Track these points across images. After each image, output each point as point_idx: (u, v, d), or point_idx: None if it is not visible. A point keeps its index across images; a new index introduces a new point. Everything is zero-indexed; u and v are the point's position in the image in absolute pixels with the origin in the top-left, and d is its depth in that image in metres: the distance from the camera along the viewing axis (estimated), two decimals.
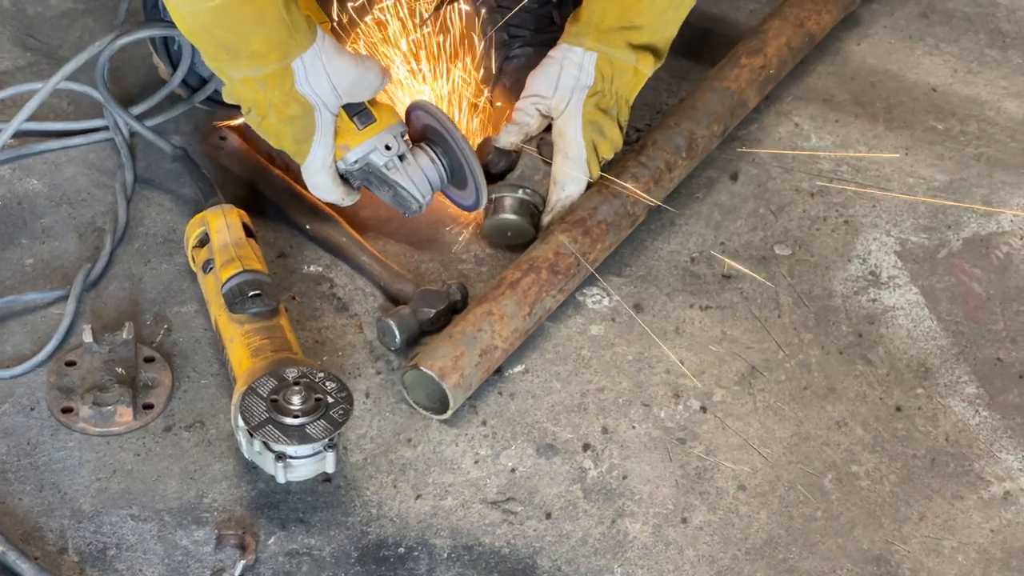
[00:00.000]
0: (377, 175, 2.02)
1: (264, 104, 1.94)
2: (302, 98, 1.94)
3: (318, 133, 1.97)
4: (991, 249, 2.24)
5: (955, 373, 2.06)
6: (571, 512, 1.86)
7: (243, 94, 1.95)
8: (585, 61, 2.10)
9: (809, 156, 2.36)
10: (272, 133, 1.98)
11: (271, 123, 1.96)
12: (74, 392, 1.93)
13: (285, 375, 1.78)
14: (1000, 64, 2.58)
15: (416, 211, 2.05)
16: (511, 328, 1.98)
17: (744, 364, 2.05)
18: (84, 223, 2.15)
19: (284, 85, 1.92)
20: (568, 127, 2.12)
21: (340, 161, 2.02)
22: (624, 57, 2.09)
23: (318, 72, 1.93)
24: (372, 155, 2.02)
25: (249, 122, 1.99)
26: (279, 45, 1.89)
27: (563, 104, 2.12)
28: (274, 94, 1.92)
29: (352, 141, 2.01)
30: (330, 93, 1.96)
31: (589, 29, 2.09)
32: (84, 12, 2.50)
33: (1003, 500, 1.92)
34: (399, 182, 2.02)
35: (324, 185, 2.03)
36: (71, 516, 1.81)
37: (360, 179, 2.04)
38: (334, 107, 1.98)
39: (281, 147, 2.00)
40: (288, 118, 1.95)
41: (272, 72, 1.90)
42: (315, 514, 1.83)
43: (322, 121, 1.97)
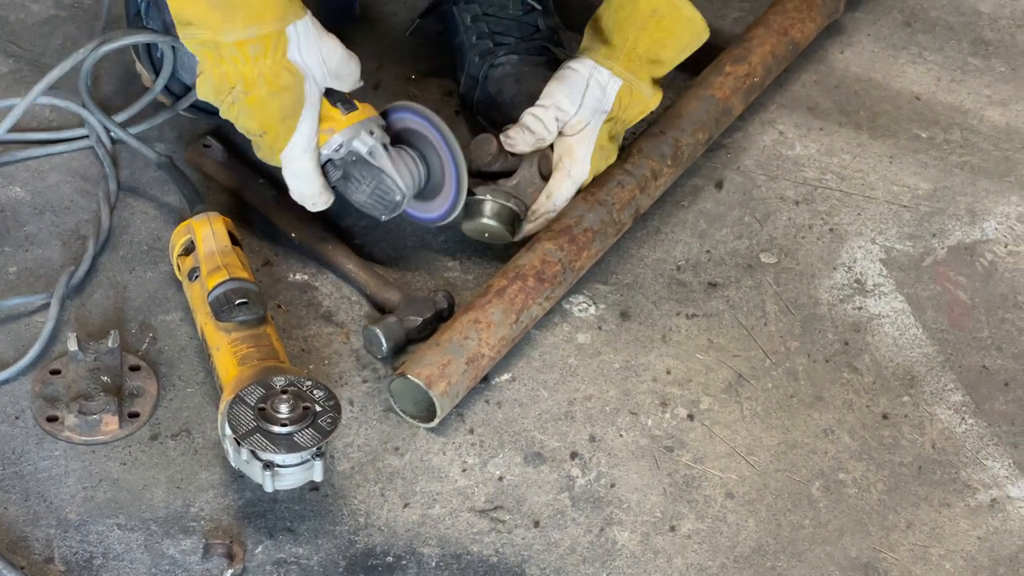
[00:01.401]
0: (361, 163, 1.99)
1: (253, 75, 1.89)
2: (293, 67, 1.91)
3: (307, 106, 1.94)
4: (976, 257, 2.25)
5: (941, 381, 2.07)
6: (559, 520, 1.86)
7: (229, 69, 1.89)
8: (610, 86, 2.09)
9: (794, 164, 2.37)
10: (257, 108, 1.92)
11: (258, 96, 1.90)
12: (59, 401, 1.92)
13: (273, 384, 1.77)
14: (983, 73, 2.59)
15: (396, 206, 2.01)
16: (498, 336, 1.98)
17: (731, 372, 2.05)
18: (68, 231, 2.14)
19: (277, 51, 1.88)
20: (580, 148, 2.11)
21: (324, 146, 1.98)
22: (643, 90, 2.11)
23: (311, 44, 1.91)
24: (356, 141, 1.98)
25: (228, 111, 1.94)
26: (277, 4, 1.86)
27: (582, 124, 2.10)
28: (265, 62, 1.88)
29: (337, 125, 1.97)
30: (319, 67, 1.93)
31: (620, 55, 2.08)
32: (67, 19, 2.49)
33: (990, 508, 1.92)
34: (384, 169, 1.99)
35: (305, 172, 1.98)
36: (57, 525, 1.80)
37: (341, 169, 2.00)
38: (321, 85, 1.95)
39: (264, 128, 1.94)
40: (278, 89, 1.90)
41: (267, 33, 1.87)
42: (303, 523, 1.82)
43: (311, 94, 1.94)
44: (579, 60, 2.11)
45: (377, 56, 2.45)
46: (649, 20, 2.06)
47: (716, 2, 2.69)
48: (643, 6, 2.06)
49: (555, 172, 2.12)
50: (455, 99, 2.40)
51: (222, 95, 1.93)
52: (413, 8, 2.54)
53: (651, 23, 2.06)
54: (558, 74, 2.12)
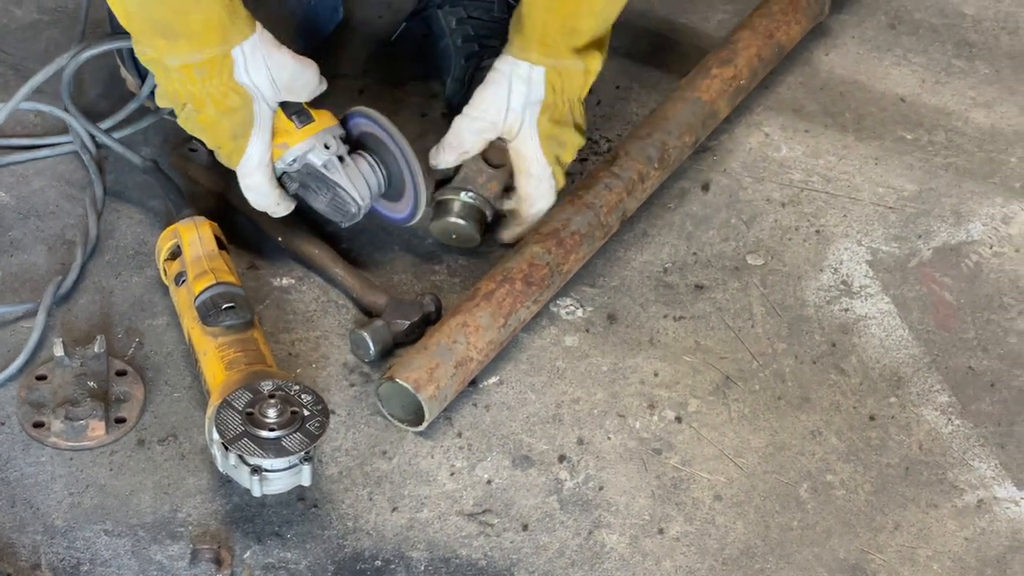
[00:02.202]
0: (316, 176, 1.99)
1: (201, 96, 1.90)
2: (241, 88, 1.91)
3: (256, 126, 1.94)
4: (961, 258, 2.25)
5: (927, 382, 2.07)
6: (548, 524, 1.86)
7: (179, 89, 1.90)
8: (533, 75, 2.04)
9: (780, 166, 2.37)
10: (209, 127, 1.93)
11: (208, 116, 1.92)
12: (45, 406, 1.91)
13: (260, 388, 1.77)
14: (967, 74, 2.59)
15: (354, 216, 2.02)
16: (486, 339, 1.98)
17: (718, 374, 2.05)
18: (53, 236, 2.14)
19: (223, 73, 1.88)
20: (526, 147, 2.08)
21: (278, 161, 1.98)
22: (572, 65, 2.05)
23: (258, 63, 1.90)
24: (311, 154, 1.98)
25: (184, 122, 1.95)
26: (219, 28, 1.85)
27: (517, 125, 2.07)
28: (212, 84, 1.89)
29: (291, 139, 1.98)
30: (269, 86, 1.93)
31: (532, 43, 2.03)
32: (50, 24, 2.49)
33: (977, 508, 1.92)
34: (338, 182, 1.99)
35: (260, 186, 1.99)
36: (44, 532, 1.79)
37: (297, 181, 2.00)
38: (272, 102, 1.95)
39: (216, 144, 1.96)
40: (226, 110, 1.91)
41: (211, 57, 1.87)
42: (291, 528, 1.82)
43: (260, 114, 1.94)
44: (501, 58, 2.07)
45: (362, 61, 2.45)
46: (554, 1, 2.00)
47: (701, 5, 2.69)
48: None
49: (517, 176, 2.10)
50: (441, 102, 2.39)
51: (176, 108, 1.95)
52: (398, 12, 2.54)
53: (557, 2, 1.99)
54: (487, 78, 2.08)
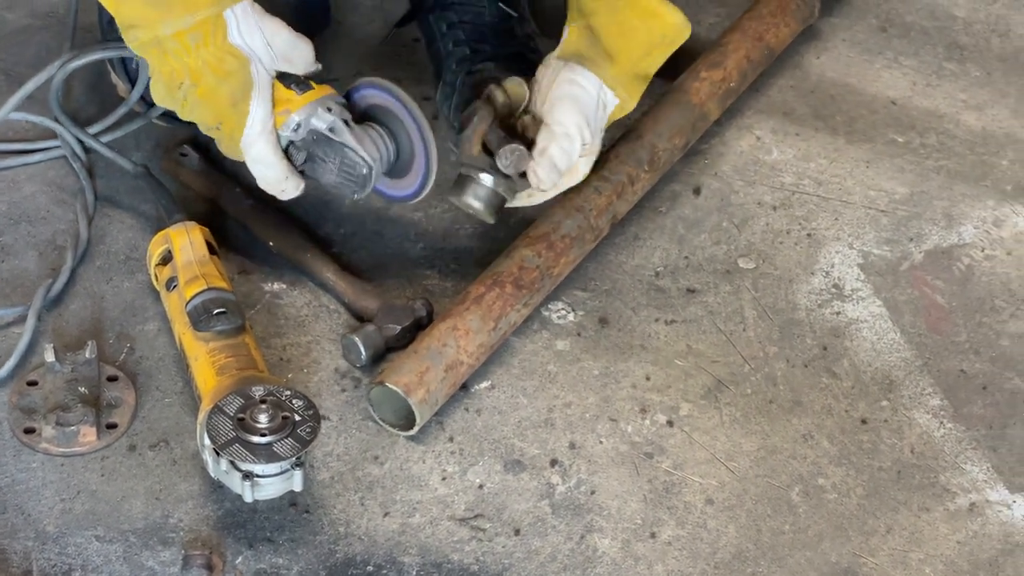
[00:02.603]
0: (322, 140, 1.96)
1: (197, 65, 1.88)
2: (236, 51, 1.89)
3: (256, 88, 1.92)
4: (953, 261, 2.25)
5: (919, 385, 2.07)
6: (540, 528, 1.86)
7: (174, 65, 1.88)
8: (611, 104, 2.07)
9: (771, 169, 2.37)
10: (208, 99, 1.91)
11: (207, 86, 1.89)
12: (36, 412, 1.91)
13: (251, 393, 1.77)
14: (958, 77, 2.60)
15: (365, 179, 1.97)
16: (476, 343, 1.98)
17: (710, 378, 2.05)
18: (44, 241, 2.13)
19: (217, 36, 1.87)
20: (584, 167, 2.10)
21: (282, 128, 1.96)
22: (631, 107, 2.09)
23: (251, 26, 1.90)
24: (314, 119, 1.95)
25: (183, 106, 1.93)
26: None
27: (592, 148, 2.08)
28: (207, 50, 1.87)
29: (292, 105, 1.95)
30: (264, 50, 1.92)
31: (626, 77, 2.05)
32: (41, 28, 2.48)
33: (969, 512, 1.92)
34: (346, 143, 1.95)
35: (266, 156, 1.96)
36: (35, 538, 1.79)
37: (303, 151, 1.97)
38: (270, 67, 1.94)
39: (219, 117, 1.93)
40: (224, 75, 1.89)
41: (204, 19, 1.86)
42: (282, 533, 1.82)
43: (259, 77, 1.92)
44: (585, 74, 2.05)
45: (354, 64, 2.45)
46: (658, 47, 2.04)
47: (692, 7, 2.67)
48: (656, 32, 2.02)
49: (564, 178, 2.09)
50: (432, 106, 2.39)
51: (173, 92, 1.92)
52: (389, 17, 2.54)
53: (658, 49, 2.04)
54: (568, 92, 2.04)
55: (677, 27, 2.03)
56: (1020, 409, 2.05)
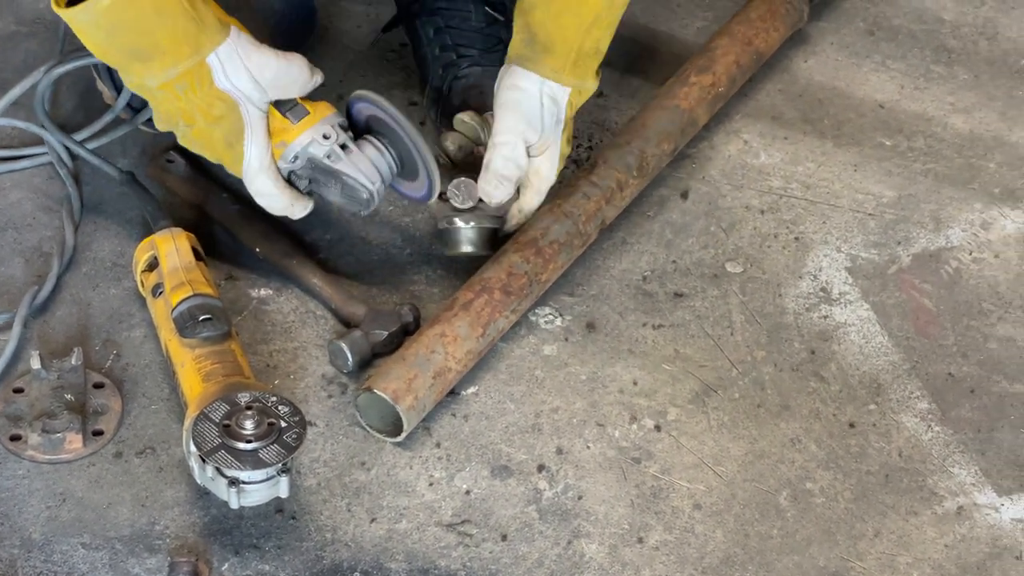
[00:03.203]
0: (321, 168, 1.96)
1: (189, 110, 1.88)
2: (224, 95, 1.88)
3: (248, 130, 1.91)
4: (941, 264, 2.25)
5: (907, 389, 2.07)
6: (527, 533, 1.86)
7: (168, 107, 1.89)
8: (560, 96, 2.06)
9: (759, 173, 2.37)
10: (203, 141, 1.92)
11: (200, 129, 1.90)
12: (22, 419, 1.90)
13: (237, 400, 1.77)
14: (946, 80, 2.60)
15: (368, 202, 1.97)
16: (464, 349, 1.97)
17: (698, 382, 2.05)
18: (30, 248, 2.13)
19: (203, 84, 1.86)
20: (545, 167, 2.09)
21: (280, 160, 1.95)
22: (591, 86, 2.08)
23: (236, 66, 1.88)
24: (311, 147, 1.95)
25: (181, 140, 1.94)
26: (188, 39, 1.83)
27: (547, 145, 2.07)
28: (195, 96, 1.87)
29: (288, 136, 1.95)
30: (252, 87, 1.90)
31: (567, 63, 2.03)
32: (28, 35, 2.48)
33: (957, 515, 1.92)
34: (343, 171, 1.95)
35: (268, 189, 1.96)
36: (21, 545, 1.78)
37: (305, 178, 1.97)
38: (261, 103, 1.92)
39: (217, 156, 1.94)
40: (214, 119, 1.89)
41: (187, 70, 1.85)
42: (269, 540, 1.81)
43: (249, 117, 1.91)
44: (524, 75, 2.05)
45: (341, 69, 2.44)
46: (593, 25, 2.01)
47: (680, 12, 2.69)
48: (587, 13, 2.00)
49: (525, 190, 2.10)
50: (419, 111, 2.39)
51: (173, 128, 1.93)
52: (376, 21, 2.54)
53: (594, 27, 2.02)
54: (508, 98, 2.06)
55: (602, 2, 2.00)
56: (1008, 412, 2.05)
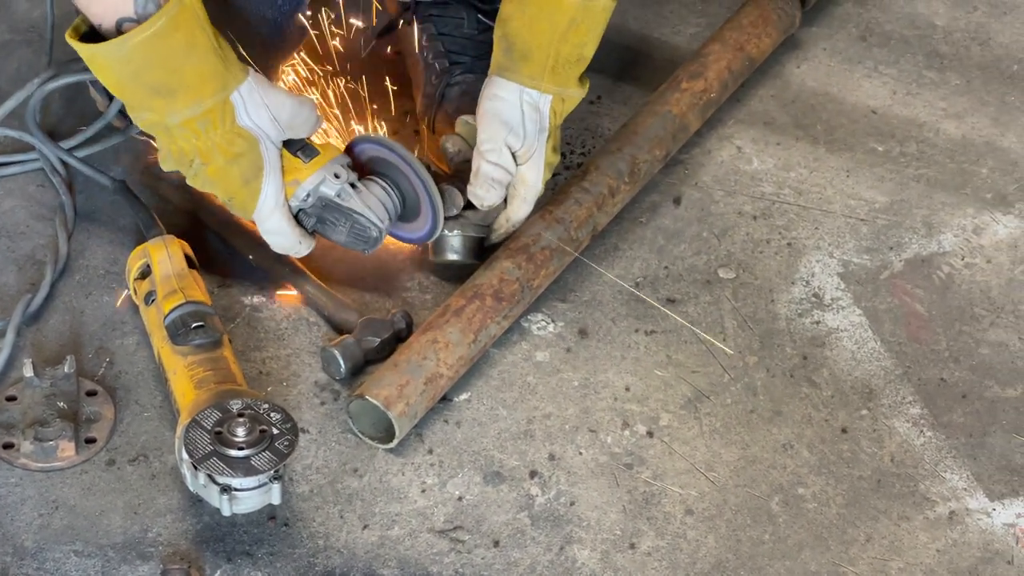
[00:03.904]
0: (331, 207, 1.98)
1: (207, 148, 1.88)
2: (245, 132, 1.89)
3: (267, 167, 1.92)
4: (933, 270, 2.25)
5: (899, 394, 2.07)
6: (519, 540, 1.86)
7: (183, 146, 1.88)
8: (542, 103, 2.06)
9: (751, 179, 2.37)
10: (219, 178, 1.91)
11: (216, 167, 1.89)
12: (15, 427, 1.90)
13: (229, 407, 1.77)
14: (938, 85, 2.60)
15: (376, 240, 2.00)
16: (456, 356, 1.98)
17: (690, 388, 2.05)
18: (23, 256, 2.13)
19: (225, 121, 1.87)
20: (531, 174, 2.09)
21: (292, 199, 1.97)
22: (575, 93, 2.08)
23: (257, 104, 1.89)
24: (323, 186, 1.97)
25: (192, 179, 1.93)
26: (214, 76, 1.84)
27: (530, 152, 2.08)
28: (216, 133, 1.87)
29: (300, 175, 1.96)
30: (271, 126, 1.91)
31: (545, 71, 2.04)
32: (22, 43, 2.48)
33: (948, 520, 1.92)
34: (355, 209, 1.98)
35: (280, 227, 1.97)
36: (13, 553, 1.78)
37: (314, 216, 1.99)
38: (277, 141, 1.93)
39: (229, 193, 1.93)
40: (234, 156, 1.89)
41: (211, 107, 1.85)
42: (261, 547, 1.82)
43: (268, 154, 1.92)
44: (503, 84, 2.06)
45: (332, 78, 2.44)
46: (569, 30, 2.01)
47: (672, 18, 2.69)
48: (560, 18, 2.00)
49: (512, 199, 2.11)
50: (412, 118, 2.39)
51: (183, 168, 1.92)
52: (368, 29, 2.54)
53: (571, 32, 2.01)
54: (488, 107, 2.07)
55: (578, 6, 2.00)
56: (1000, 417, 2.05)
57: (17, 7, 2.55)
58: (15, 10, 2.55)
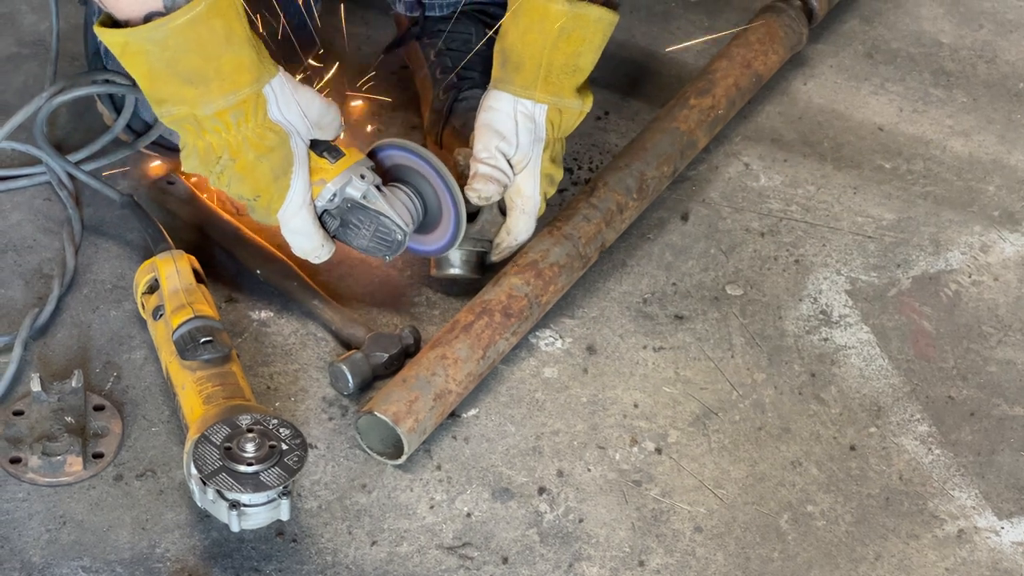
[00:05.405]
0: (357, 208, 1.97)
1: (237, 142, 1.87)
2: (277, 127, 1.89)
3: (296, 163, 1.92)
4: (940, 287, 2.25)
5: (907, 411, 2.07)
6: (528, 556, 1.85)
7: (212, 140, 1.87)
8: (537, 114, 2.06)
9: (759, 196, 2.37)
10: (248, 175, 1.90)
11: (246, 162, 1.89)
12: (22, 442, 1.90)
13: (238, 422, 1.76)
14: (945, 103, 2.60)
15: (399, 244, 1.99)
16: (465, 372, 1.97)
17: (698, 405, 2.05)
18: (31, 270, 2.13)
19: (258, 114, 1.86)
20: (527, 186, 2.09)
21: (317, 199, 1.96)
22: (572, 104, 2.07)
23: (288, 99, 1.89)
24: (349, 187, 1.96)
25: (217, 180, 1.92)
26: (250, 67, 1.84)
27: (525, 161, 2.08)
28: (248, 126, 1.86)
29: (327, 175, 1.96)
30: (301, 122, 1.91)
31: (537, 80, 2.04)
32: (29, 57, 2.48)
33: (957, 538, 1.92)
34: (381, 210, 1.97)
35: (304, 226, 1.96)
36: (21, 569, 1.78)
37: (338, 218, 1.98)
38: (306, 138, 1.93)
39: (257, 191, 1.92)
40: (265, 151, 1.89)
41: (246, 98, 1.84)
42: (270, 563, 1.81)
43: (299, 150, 1.92)
44: (497, 95, 2.07)
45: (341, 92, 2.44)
46: (559, 39, 2.01)
47: (679, 35, 2.70)
48: (549, 27, 2.00)
49: (510, 212, 2.11)
50: (420, 134, 2.39)
51: (209, 166, 1.91)
52: (376, 44, 2.54)
53: (561, 41, 2.01)
54: (483, 118, 2.08)
55: (566, 14, 1.99)
56: (1008, 435, 2.05)
57: (23, 20, 2.55)
58: (21, 23, 2.55)
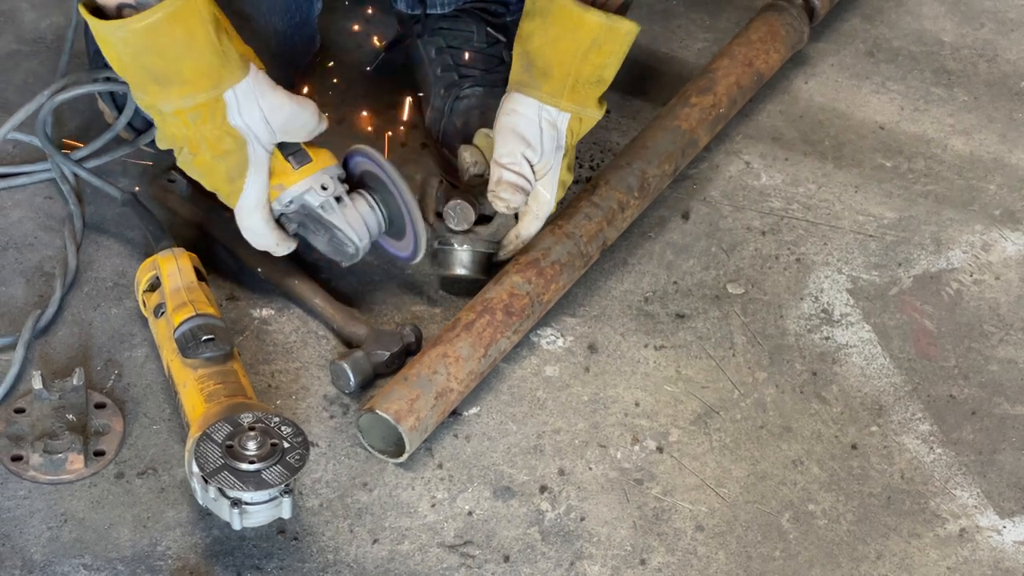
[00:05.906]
0: (313, 217, 1.98)
1: (196, 140, 1.89)
2: (235, 131, 1.90)
3: (251, 169, 1.93)
4: (941, 286, 2.25)
5: (909, 410, 2.07)
6: (529, 555, 1.85)
7: (175, 132, 1.90)
8: (560, 122, 2.06)
9: (760, 194, 2.37)
10: (205, 171, 1.93)
11: (203, 160, 1.91)
12: (24, 440, 1.90)
13: (240, 420, 1.76)
14: (946, 102, 2.60)
15: (353, 257, 2.01)
16: (466, 370, 1.97)
17: (699, 404, 2.05)
18: (32, 268, 2.13)
19: (216, 117, 1.88)
20: (546, 191, 2.09)
21: (275, 202, 1.97)
22: (592, 114, 2.08)
23: (251, 105, 1.89)
24: (307, 195, 1.97)
25: (181, 164, 1.95)
26: (210, 72, 1.85)
27: (547, 169, 2.08)
28: (206, 127, 1.88)
29: (287, 180, 1.97)
30: (263, 128, 1.92)
31: (564, 89, 2.04)
32: (29, 55, 2.48)
33: (959, 537, 1.92)
34: (335, 223, 1.98)
35: (257, 227, 1.98)
36: (22, 566, 1.78)
37: (295, 222, 2.00)
38: (268, 143, 1.94)
39: (214, 186, 1.96)
40: (221, 153, 1.90)
41: (203, 102, 1.86)
42: (271, 561, 1.81)
43: (255, 156, 1.93)
44: (522, 100, 2.06)
45: (341, 90, 2.44)
46: (591, 51, 2.01)
47: (680, 33, 2.70)
48: (583, 37, 2.00)
49: (523, 215, 2.10)
50: (421, 132, 2.39)
51: (175, 150, 1.94)
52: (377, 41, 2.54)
53: (592, 52, 2.01)
54: (506, 121, 2.07)
55: (601, 26, 2.00)
56: (1009, 434, 2.05)
57: (24, 18, 2.55)
58: (22, 20, 2.54)
